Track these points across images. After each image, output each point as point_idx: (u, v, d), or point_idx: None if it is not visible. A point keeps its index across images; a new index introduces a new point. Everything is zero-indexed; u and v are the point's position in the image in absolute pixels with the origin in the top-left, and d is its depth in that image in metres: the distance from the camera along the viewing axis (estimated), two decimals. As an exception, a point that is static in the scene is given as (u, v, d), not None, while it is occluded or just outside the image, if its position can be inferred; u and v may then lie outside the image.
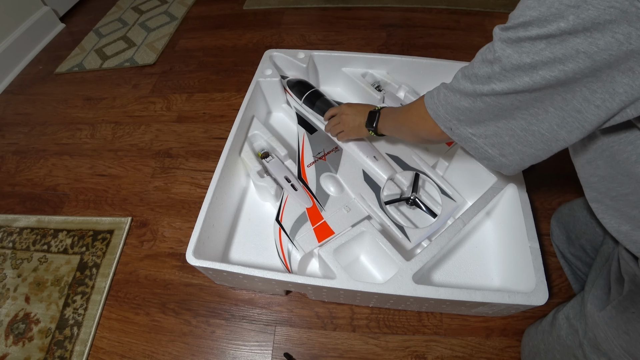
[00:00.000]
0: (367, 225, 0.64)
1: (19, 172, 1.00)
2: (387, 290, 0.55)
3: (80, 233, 0.84)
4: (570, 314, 0.52)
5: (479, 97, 0.39)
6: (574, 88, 0.32)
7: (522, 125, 0.38)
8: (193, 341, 0.68)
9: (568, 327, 0.52)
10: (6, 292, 0.77)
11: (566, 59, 0.30)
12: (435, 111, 0.47)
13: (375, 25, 1.34)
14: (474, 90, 0.39)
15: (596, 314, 0.46)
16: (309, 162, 0.76)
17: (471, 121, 0.43)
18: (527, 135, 0.39)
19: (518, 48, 0.33)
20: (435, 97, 0.47)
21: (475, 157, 0.46)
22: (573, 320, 0.51)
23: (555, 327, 0.54)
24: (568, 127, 0.35)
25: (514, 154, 0.42)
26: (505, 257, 0.69)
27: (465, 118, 0.43)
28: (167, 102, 1.13)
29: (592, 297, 0.48)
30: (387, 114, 0.64)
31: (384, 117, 0.64)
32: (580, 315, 0.50)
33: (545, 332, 0.56)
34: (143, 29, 1.46)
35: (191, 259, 0.59)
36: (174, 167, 0.95)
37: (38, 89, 1.26)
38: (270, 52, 0.95)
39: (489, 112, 0.40)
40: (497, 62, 0.35)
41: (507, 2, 1.40)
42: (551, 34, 0.30)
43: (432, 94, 0.48)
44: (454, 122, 0.45)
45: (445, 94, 0.45)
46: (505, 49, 0.34)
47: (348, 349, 0.66)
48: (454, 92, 0.43)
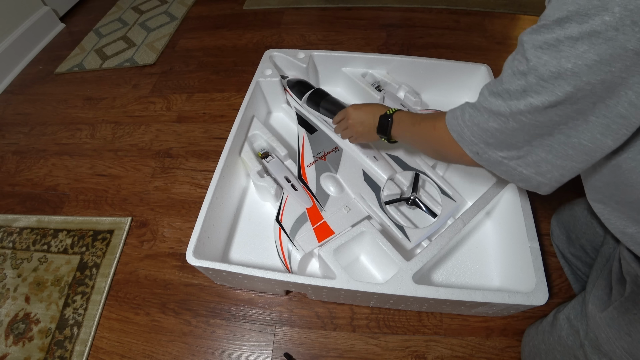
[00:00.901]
0: (367, 225, 0.64)
1: (19, 172, 1.00)
2: (387, 290, 0.55)
3: (80, 233, 0.84)
4: (571, 315, 0.52)
5: (513, 116, 0.35)
6: (619, 92, 0.29)
7: (560, 140, 0.34)
8: (193, 341, 0.68)
9: (569, 327, 0.51)
10: (6, 292, 0.77)
11: (613, 60, 0.27)
12: (460, 133, 0.42)
13: (375, 25, 1.34)
14: (508, 108, 0.35)
15: (598, 315, 0.46)
16: (309, 162, 0.76)
17: (502, 144, 0.38)
18: (566, 148, 0.35)
19: (556, 53, 0.29)
20: (460, 117, 0.42)
21: (508, 179, 0.42)
22: (574, 320, 0.51)
23: (556, 328, 0.54)
24: (613, 134, 0.31)
25: (552, 171, 0.38)
26: (505, 257, 0.69)
27: (495, 141, 0.39)
28: (167, 102, 1.13)
29: (593, 297, 0.48)
30: (401, 120, 0.57)
31: (397, 124, 0.58)
32: (582, 316, 0.50)
33: (546, 333, 0.56)
34: (143, 29, 1.46)
35: (191, 259, 0.59)
36: (174, 167, 0.95)
37: (38, 89, 1.26)
38: (270, 52, 0.95)
39: (523, 131, 0.36)
40: (532, 72, 0.32)
41: (507, 2, 1.40)
42: (594, 31, 0.26)
43: (455, 114, 0.44)
44: (481, 146, 0.40)
45: (472, 114, 0.40)
46: (541, 55, 0.30)
47: (348, 349, 0.66)
48: (482, 112, 0.39)
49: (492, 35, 1.27)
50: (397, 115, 0.58)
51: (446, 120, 0.45)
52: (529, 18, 1.34)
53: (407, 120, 0.56)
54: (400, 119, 0.57)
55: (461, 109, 0.43)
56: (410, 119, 0.55)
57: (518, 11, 1.37)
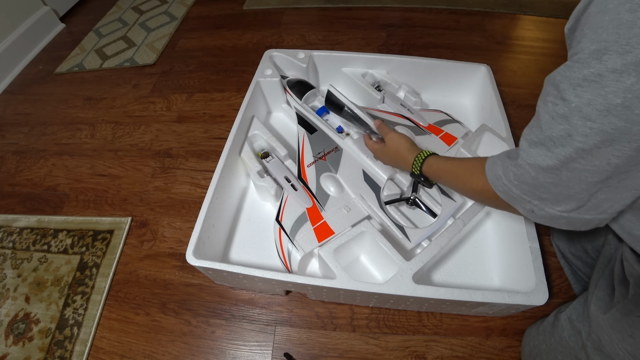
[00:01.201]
0: (367, 225, 0.64)
1: (19, 172, 1.00)
2: (387, 290, 0.55)
3: (80, 233, 0.84)
4: (572, 315, 0.52)
5: (565, 165, 0.32)
6: None
7: (620, 177, 0.31)
8: (193, 341, 0.68)
9: (570, 328, 0.51)
10: (6, 292, 0.77)
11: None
12: (508, 193, 0.39)
13: (375, 25, 1.34)
14: (556, 159, 0.32)
15: (600, 317, 0.46)
16: (309, 162, 0.76)
17: (559, 197, 0.35)
18: (626, 180, 0.32)
19: (599, 89, 0.27)
20: (504, 177, 0.39)
21: (567, 229, 0.39)
22: (576, 321, 0.51)
23: (558, 328, 0.53)
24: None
25: (614, 205, 0.34)
26: (505, 257, 0.69)
27: (550, 195, 0.35)
28: (167, 102, 1.13)
29: (595, 298, 0.48)
30: (432, 165, 0.56)
31: (428, 168, 0.57)
32: (583, 317, 0.50)
33: (547, 333, 0.56)
34: (143, 29, 1.46)
35: (191, 259, 0.59)
36: (174, 167, 0.95)
37: (38, 89, 1.26)
38: (270, 52, 0.95)
39: (580, 180, 0.32)
40: (575, 113, 0.29)
41: (507, 2, 1.40)
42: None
43: (496, 172, 0.40)
44: (536, 203, 0.37)
45: (515, 172, 0.37)
46: (582, 94, 0.28)
47: (348, 349, 0.66)
48: (527, 168, 0.35)
49: (492, 35, 1.27)
50: (429, 161, 0.57)
51: (488, 178, 0.42)
52: (529, 18, 1.34)
53: (441, 169, 0.55)
54: (431, 167, 0.56)
55: (502, 167, 0.39)
56: (444, 167, 0.54)
57: (518, 11, 1.37)
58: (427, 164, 0.57)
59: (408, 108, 0.86)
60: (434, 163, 0.56)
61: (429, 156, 0.58)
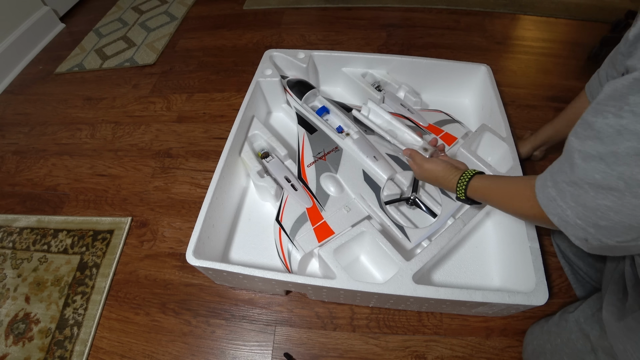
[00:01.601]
0: (367, 225, 0.64)
1: (19, 172, 1.00)
2: (387, 290, 0.55)
3: (80, 233, 0.84)
4: (580, 318, 0.51)
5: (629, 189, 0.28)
6: None
7: None
8: (193, 341, 0.68)
9: (578, 331, 0.50)
10: (6, 292, 0.77)
11: None
12: (562, 217, 0.35)
13: (375, 25, 1.34)
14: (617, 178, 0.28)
15: (614, 324, 0.44)
16: (309, 162, 0.76)
17: (618, 227, 0.30)
18: None
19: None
20: (558, 198, 0.35)
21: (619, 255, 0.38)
22: (584, 324, 0.50)
23: (565, 330, 0.52)
24: None
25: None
26: (505, 257, 0.69)
27: (609, 223, 0.31)
28: (167, 102, 1.13)
29: (607, 303, 0.46)
30: (478, 188, 0.54)
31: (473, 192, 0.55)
32: (592, 320, 0.49)
33: (552, 333, 0.55)
34: (143, 29, 1.46)
35: (191, 259, 0.59)
36: (174, 167, 0.95)
37: (38, 89, 1.26)
38: (270, 52, 0.95)
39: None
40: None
41: (507, 2, 1.40)
42: None
43: (549, 194, 0.36)
44: (591, 231, 0.33)
45: (572, 192, 0.33)
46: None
47: (348, 349, 0.66)
48: (584, 186, 0.31)
49: (492, 35, 1.27)
50: (473, 184, 0.54)
51: (539, 200, 0.38)
52: (529, 18, 1.34)
53: (486, 191, 0.52)
54: (477, 191, 0.54)
55: (556, 187, 0.35)
56: (490, 190, 0.51)
57: (518, 11, 1.37)
58: (471, 188, 0.55)
59: (408, 108, 0.86)
60: (479, 186, 0.54)
61: (473, 177, 0.55)
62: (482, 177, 0.55)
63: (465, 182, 0.55)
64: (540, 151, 0.84)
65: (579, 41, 1.22)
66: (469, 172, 0.56)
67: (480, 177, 0.55)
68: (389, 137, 0.77)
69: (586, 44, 1.18)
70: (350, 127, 0.81)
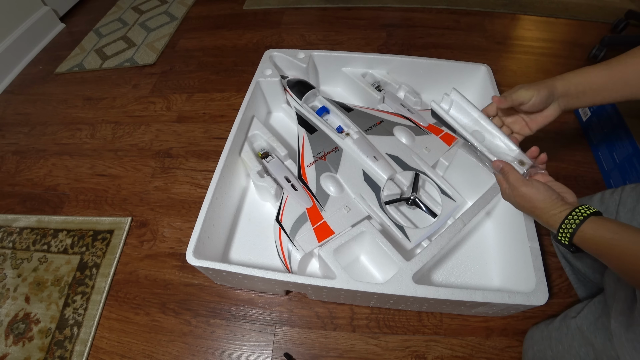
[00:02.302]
0: (367, 225, 0.64)
1: (19, 172, 1.00)
2: (387, 290, 0.55)
3: (80, 233, 0.84)
4: (583, 326, 0.49)
5: None
6: None
7: None
8: (193, 341, 0.68)
9: (581, 338, 0.49)
10: (6, 292, 0.77)
11: None
12: None
13: (375, 25, 1.34)
14: None
15: (623, 335, 0.42)
16: (309, 162, 0.76)
17: None
18: None
19: None
20: None
21: None
22: (587, 332, 0.48)
23: (567, 337, 0.51)
24: None
25: None
26: (505, 257, 0.69)
27: None
28: (167, 102, 1.13)
29: (615, 312, 0.44)
30: (597, 239, 0.38)
31: (583, 241, 0.40)
32: (595, 328, 0.47)
33: (553, 339, 0.54)
34: (143, 29, 1.46)
35: (191, 259, 0.59)
36: (174, 167, 0.95)
37: (38, 89, 1.26)
38: (270, 52, 0.95)
39: None
40: None
41: (507, 2, 1.40)
42: None
43: None
44: None
45: None
46: None
47: (348, 349, 0.66)
48: None
49: (492, 35, 1.27)
50: (587, 230, 0.39)
51: None
52: (529, 18, 1.34)
53: (609, 249, 0.37)
54: (590, 242, 0.39)
55: None
56: (617, 248, 0.36)
57: (518, 11, 1.37)
58: (583, 236, 0.39)
59: (408, 108, 0.86)
60: (595, 237, 0.38)
61: (588, 218, 0.39)
62: (601, 223, 0.39)
63: (575, 225, 0.40)
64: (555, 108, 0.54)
65: (579, 41, 1.22)
66: (582, 209, 0.41)
67: (598, 222, 0.39)
68: (475, 141, 0.57)
69: (586, 44, 1.18)
70: (350, 127, 0.81)
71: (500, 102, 0.53)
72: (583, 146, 0.93)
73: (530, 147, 0.54)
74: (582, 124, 0.96)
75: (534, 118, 0.55)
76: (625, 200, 0.53)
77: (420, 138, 0.81)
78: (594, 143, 0.91)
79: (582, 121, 0.96)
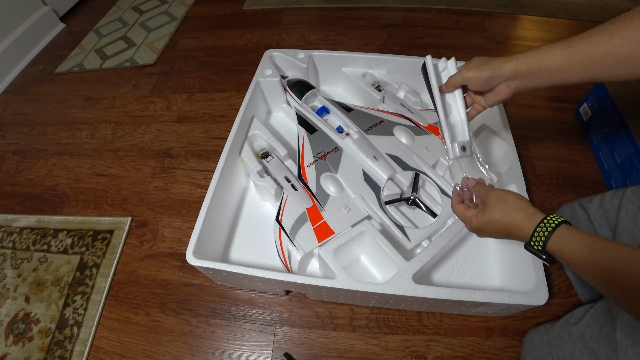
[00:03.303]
0: (367, 225, 0.64)
1: (19, 172, 1.00)
2: (387, 290, 0.55)
3: (80, 233, 0.84)
4: (586, 334, 0.48)
5: None
6: None
7: None
8: (193, 341, 0.68)
9: (584, 347, 0.47)
10: (6, 292, 0.77)
11: None
12: None
13: (375, 25, 1.34)
14: None
15: (630, 349, 0.40)
16: (309, 162, 0.76)
17: None
18: None
19: None
20: None
21: None
22: (590, 341, 0.46)
23: (568, 344, 0.50)
24: None
25: None
26: (505, 257, 0.69)
27: None
28: (167, 102, 1.13)
29: (620, 323, 0.42)
30: (573, 249, 0.37)
31: (557, 249, 0.38)
32: (599, 337, 0.46)
33: (554, 346, 0.53)
34: (143, 29, 1.46)
35: (191, 259, 0.59)
36: (174, 167, 0.95)
37: (38, 89, 1.26)
38: (270, 52, 0.95)
39: None
40: None
41: (507, 2, 1.40)
42: None
43: None
44: None
45: None
46: None
47: (348, 349, 0.66)
48: None
49: (492, 35, 1.27)
50: (561, 238, 0.38)
51: None
52: (529, 18, 1.34)
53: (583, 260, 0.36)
54: (565, 251, 0.37)
55: None
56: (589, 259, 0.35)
57: (518, 11, 1.37)
58: (557, 242, 0.38)
59: (408, 108, 0.86)
60: (570, 244, 0.37)
61: (559, 226, 0.38)
62: (575, 233, 0.37)
63: (550, 229, 0.39)
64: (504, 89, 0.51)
65: (579, 41, 1.21)
66: (555, 217, 0.39)
67: (572, 231, 0.38)
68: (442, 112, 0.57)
69: (586, 44, 1.18)
70: (350, 127, 0.81)
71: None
72: (583, 146, 0.93)
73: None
74: (582, 124, 0.96)
75: (487, 96, 0.55)
76: (627, 206, 0.52)
77: (420, 138, 0.80)
78: (595, 143, 0.91)
79: (582, 121, 0.96)
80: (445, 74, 0.60)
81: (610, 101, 0.85)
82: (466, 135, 0.56)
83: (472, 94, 0.57)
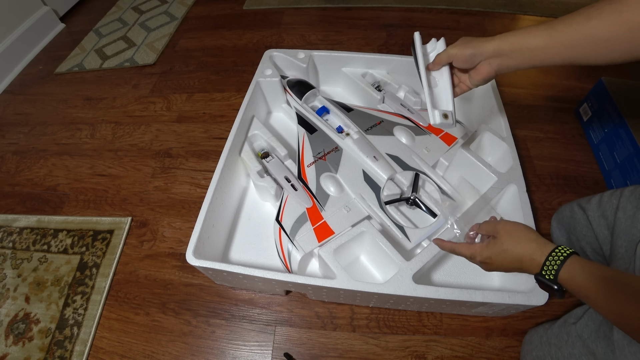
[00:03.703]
0: (367, 225, 0.64)
1: (19, 172, 1.00)
2: (387, 290, 0.55)
3: (80, 233, 0.84)
4: (584, 334, 0.48)
5: None
6: None
7: None
8: (193, 341, 0.68)
9: (582, 347, 0.47)
10: (6, 292, 0.77)
11: None
12: None
13: (375, 25, 1.34)
14: None
15: (626, 348, 0.40)
16: (309, 162, 0.76)
17: None
18: None
19: None
20: None
21: None
22: (588, 341, 0.46)
23: (567, 344, 0.50)
24: None
25: None
26: (505, 257, 0.69)
27: None
28: (167, 102, 1.13)
29: None
30: (583, 279, 0.37)
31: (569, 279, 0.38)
32: (596, 336, 0.46)
33: (553, 345, 0.53)
34: (143, 29, 1.46)
35: (191, 259, 0.59)
36: (174, 167, 0.95)
37: (38, 89, 1.26)
38: (270, 52, 0.95)
39: None
40: None
41: (507, 2, 1.40)
42: None
43: None
44: None
45: None
46: None
47: (348, 349, 0.66)
48: None
49: (492, 35, 1.26)
50: (571, 268, 0.38)
51: None
52: (529, 18, 1.34)
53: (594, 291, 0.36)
54: (576, 281, 0.38)
55: None
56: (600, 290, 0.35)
57: (518, 11, 1.37)
58: (569, 271, 0.38)
59: (408, 108, 0.86)
60: (581, 273, 0.37)
61: (570, 256, 0.39)
62: (586, 265, 0.38)
63: (561, 259, 0.39)
64: (486, 67, 0.54)
65: (579, 41, 1.21)
66: (564, 248, 0.40)
67: (582, 262, 0.38)
68: (427, 85, 0.59)
69: (586, 44, 1.18)
70: (350, 127, 0.81)
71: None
72: (583, 146, 0.93)
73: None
74: (582, 124, 0.96)
75: (470, 75, 0.57)
76: (625, 205, 0.52)
77: (420, 138, 0.80)
78: (595, 143, 0.91)
79: (582, 121, 0.96)
80: (434, 55, 0.63)
81: (610, 101, 0.85)
82: (450, 106, 0.58)
83: (458, 73, 0.59)
